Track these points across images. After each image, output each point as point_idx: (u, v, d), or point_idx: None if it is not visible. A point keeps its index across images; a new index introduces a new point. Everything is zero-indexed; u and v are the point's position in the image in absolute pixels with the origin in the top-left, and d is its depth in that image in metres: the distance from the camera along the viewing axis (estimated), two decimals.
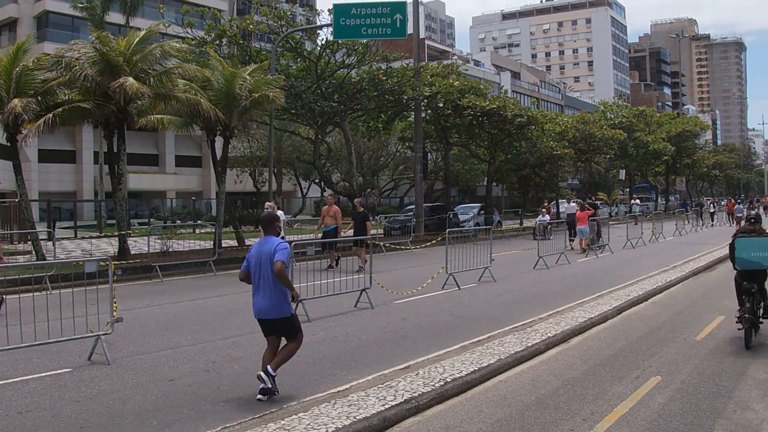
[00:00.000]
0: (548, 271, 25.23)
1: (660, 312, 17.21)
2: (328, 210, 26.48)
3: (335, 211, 26.34)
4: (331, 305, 16.68)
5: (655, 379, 10.91)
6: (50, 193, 56.30)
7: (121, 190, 26.92)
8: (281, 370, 9.83)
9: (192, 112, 27.38)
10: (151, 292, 20.36)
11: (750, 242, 13.34)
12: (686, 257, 29.26)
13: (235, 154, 50.11)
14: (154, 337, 13.73)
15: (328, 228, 26.18)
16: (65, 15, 62.68)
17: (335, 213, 26.27)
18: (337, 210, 26.52)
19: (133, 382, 10.51)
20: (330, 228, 26.12)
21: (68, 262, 21.26)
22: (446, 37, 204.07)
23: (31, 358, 11.79)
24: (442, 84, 43.62)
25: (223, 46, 35.68)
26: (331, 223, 26.18)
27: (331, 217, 26.24)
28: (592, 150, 64.46)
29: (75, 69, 24.32)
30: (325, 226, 26.41)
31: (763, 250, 13.07)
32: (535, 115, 51.84)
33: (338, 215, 26.41)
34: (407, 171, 68.18)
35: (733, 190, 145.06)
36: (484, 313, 16.45)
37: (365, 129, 48.55)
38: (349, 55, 37.52)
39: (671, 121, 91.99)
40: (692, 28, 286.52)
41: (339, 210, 26.85)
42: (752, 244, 13.27)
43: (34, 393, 9.99)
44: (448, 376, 10.48)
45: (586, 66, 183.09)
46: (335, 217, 26.20)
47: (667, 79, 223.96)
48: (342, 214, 27.36)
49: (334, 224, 26.13)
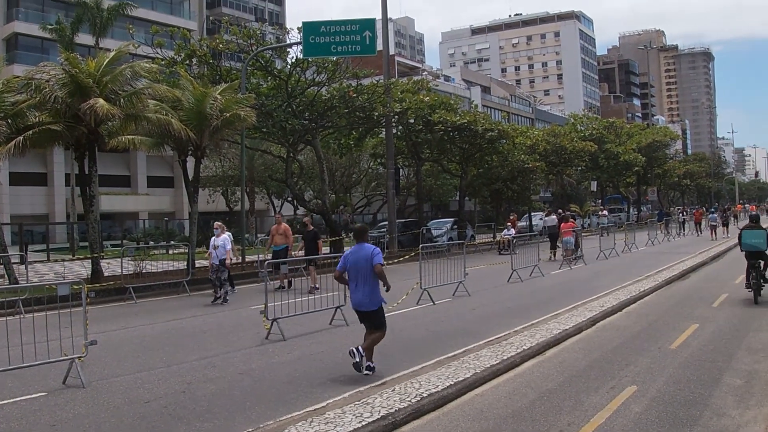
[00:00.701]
0: (522, 284, 25.32)
1: (634, 322, 17.31)
2: (278, 229, 25.98)
3: (285, 230, 25.87)
4: (306, 323, 16.65)
5: (630, 389, 10.97)
6: (22, 216, 55.86)
7: (93, 212, 26.77)
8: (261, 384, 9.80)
9: (163, 132, 27.32)
10: (125, 314, 20.25)
11: (751, 233, 20.31)
12: (659, 267, 29.44)
13: (207, 173, 49.98)
14: (128, 360, 13.65)
15: (278, 247, 25.64)
16: (35, 37, 62.40)
17: (285, 231, 25.79)
18: (287, 228, 26.08)
19: (108, 405, 10.45)
20: (280, 247, 25.58)
21: (41, 285, 21.10)
22: (416, 53, 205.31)
23: (5, 383, 11.69)
24: (412, 100, 43.69)
25: (193, 65, 35.58)
26: (281, 242, 25.65)
27: (281, 235, 25.72)
28: (563, 162, 64.71)
29: (45, 91, 24.14)
30: (275, 245, 25.88)
31: (758, 238, 20.07)
32: (506, 129, 52.06)
33: (288, 234, 25.87)
34: (380, 187, 68.16)
35: (704, 199, 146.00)
36: (459, 328, 16.49)
37: (337, 146, 48.49)
38: (320, 73, 37.50)
39: (641, 131, 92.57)
40: (660, 39, 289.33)
41: (289, 228, 26.39)
42: (752, 234, 20.27)
43: (9, 418, 9.91)
44: (424, 391, 10.49)
45: (556, 79, 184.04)
46: (285, 235, 25.70)
47: (637, 91, 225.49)
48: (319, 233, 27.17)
49: (284, 243, 25.59)
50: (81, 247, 45.43)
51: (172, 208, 71.23)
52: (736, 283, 24.42)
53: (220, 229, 22.80)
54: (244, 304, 21.46)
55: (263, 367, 12.76)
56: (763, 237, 19.99)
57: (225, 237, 22.41)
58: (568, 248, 33.71)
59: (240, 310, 20.61)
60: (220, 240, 22.24)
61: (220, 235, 22.42)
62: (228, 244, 22.28)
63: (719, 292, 22.08)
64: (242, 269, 31.20)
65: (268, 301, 15.23)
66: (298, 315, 16.19)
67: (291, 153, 39.22)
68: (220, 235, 22.42)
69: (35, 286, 20.91)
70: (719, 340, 14.77)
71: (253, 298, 21.74)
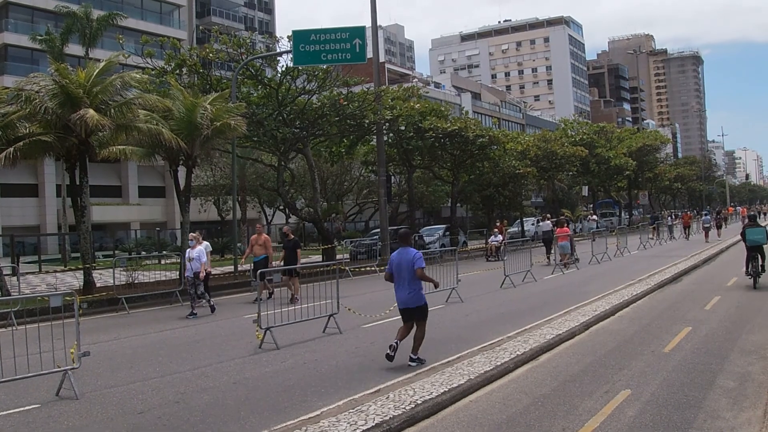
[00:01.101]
0: (515, 290, 25.32)
1: (627, 326, 17.32)
2: (257, 239, 25.51)
3: (265, 241, 25.45)
4: (300, 331, 16.64)
5: (624, 393, 10.97)
6: (13, 227, 55.80)
7: (85, 222, 26.73)
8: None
9: (154, 142, 27.29)
10: (118, 325, 20.20)
11: (753, 230, 24.31)
12: (651, 270, 29.46)
13: (198, 183, 49.94)
14: (122, 370, 13.61)
15: (258, 258, 25.16)
16: (24, 48, 62.39)
17: (265, 242, 25.38)
18: (266, 239, 25.65)
19: (102, 416, 10.42)
20: (260, 258, 25.08)
21: (33, 297, 21.01)
22: (406, 60, 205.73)
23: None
24: (403, 107, 43.69)
25: (183, 75, 35.55)
26: (261, 252, 25.21)
27: (260, 246, 25.31)
28: (554, 168, 64.85)
29: (35, 102, 24.10)
30: (254, 255, 25.45)
31: (759, 234, 24.06)
32: (497, 135, 52.19)
33: (268, 244, 25.45)
34: (371, 195, 68.20)
35: (695, 202, 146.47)
36: (452, 334, 16.49)
37: (328, 154, 48.51)
38: (310, 81, 37.51)
39: (632, 136, 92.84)
40: (649, 43, 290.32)
41: (269, 239, 25.96)
42: (754, 231, 24.25)
43: (2, 430, 9.87)
44: (418, 398, 10.47)
45: (546, 84, 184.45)
46: (265, 246, 25.29)
47: (627, 95, 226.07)
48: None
49: (264, 254, 25.14)
50: (73, 258, 45.36)
51: (164, 218, 71.15)
52: (729, 286, 24.54)
53: (196, 240, 22.02)
54: (237, 313, 21.44)
55: (257, 376, 12.74)
56: (763, 233, 24.19)
57: (200, 249, 21.66)
58: (564, 253, 33.82)
59: (233, 319, 20.58)
60: (195, 252, 21.54)
61: (195, 246, 21.70)
62: (203, 257, 21.57)
63: (712, 295, 22.12)
64: (235, 278, 31.18)
65: (261, 309, 15.21)
66: (291, 324, 16.17)
67: (282, 161, 39.21)
68: (195, 246, 21.70)
69: (27, 297, 20.83)
70: (712, 342, 14.79)
71: (246, 307, 21.74)
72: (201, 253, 21.50)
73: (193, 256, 21.46)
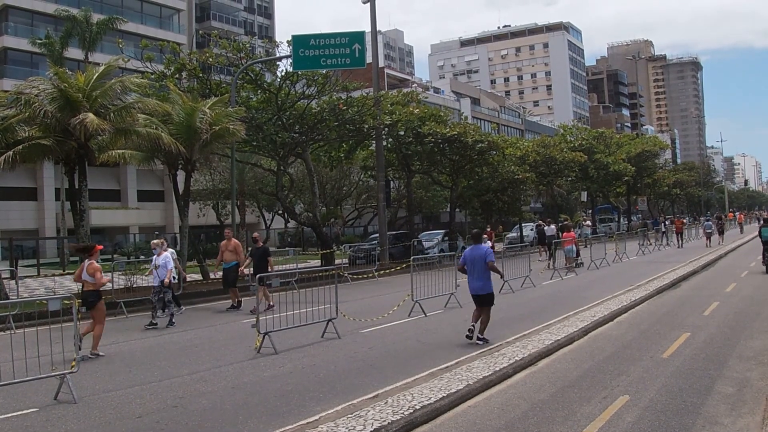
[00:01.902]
0: (514, 295, 25.32)
1: (626, 331, 17.33)
2: (227, 245, 24.19)
3: (235, 246, 24.16)
4: (298, 336, 16.63)
5: (623, 398, 10.97)
6: (12, 231, 55.74)
7: (84, 226, 26.69)
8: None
9: (153, 146, 27.31)
10: (117, 329, 20.16)
11: (765, 229, 31.73)
12: (650, 276, 29.48)
13: (197, 187, 49.88)
14: (120, 374, 13.60)
15: (228, 264, 23.97)
16: (24, 51, 62.43)
17: (236, 248, 24.09)
18: (236, 244, 24.33)
19: (100, 421, 10.41)
20: (230, 264, 23.92)
21: (32, 300, 21.05)
22: (405, 65, 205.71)
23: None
24: (402, 112, 43.73)
25: (182, 79, 35.59)
26: (231, 258, 23.94)
27: (230, 252, 24.01)
28: (553, 173, 64.79)
29: (34, 106, 24.05)
30: (225, 262, 24.13)
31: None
32: (496, 141, 52.18)
33: (239, 249, 24.18)
34: (370, 200, 68.16)
35: (694, 208, 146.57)
36: (451, 339, 16.47)
37: (327, 159, 48.55)
38: (309, 86, 37.54)
39: (631, 141, 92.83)
40: (648, 49, 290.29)
41: (239, 244, 24.63)
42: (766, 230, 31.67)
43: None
44: (416, 403, 10.46)
45: (545, 90, 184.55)
46: (236, 252, 24.02)
47: (626, 101, 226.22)
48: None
49: (234, 260, 23.90)
50: (71, 261, 45.31)
51: (163, 222, 71.12)
52: (727, 292, 24.54)
53: (160, 247, 20.85)
54: (235, 318, 21.44)
55: (255, 381, 12.73)
56: None
57: (166, 255, 20.62)
58: (569, 256, 34.66)
59: (231, 323, 20.58)
60: (161, 259, 20.43)
61: (161, 253, 20.56)
62: (170, 263, 20.51)
63: (710, 301, 22.13)
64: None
65: (260, 314, 15.19)
66: (290, 328, 16.15)
67: (281, 166, 39.22)
68: (161, 253, 20.56)
69: (26, 301, 20.88)
70: (711, 348, 14.80)
71: (244, 311, 21.70)
72: (167, 259, 20.54)
73: (159, 264, 20.43)
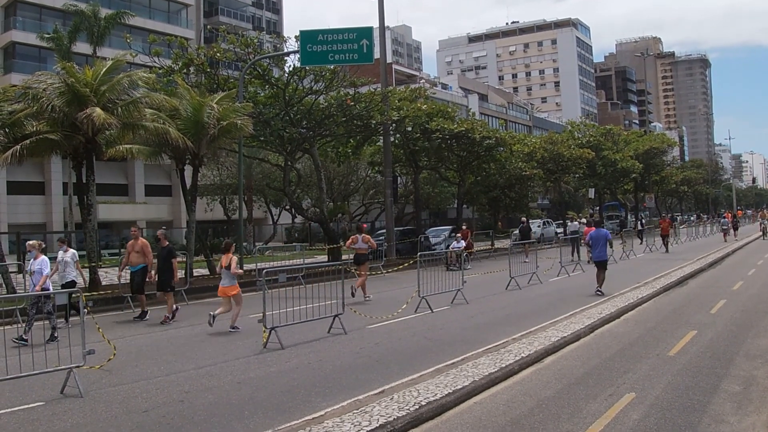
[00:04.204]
0: (520, 292, 25.30)
1: (632, 329, 17.29)
2: (134, 245, 21.51)
3: (142, 246, 21.43)
4: (305, 332, 16.64)
5: (629, 396, 10.95)
6: (19, 225, 55.75)
7: (91, 220, 26.76)
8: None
9: (161, 141, 27.36)
10: (123, 323, 20.21)
11: None
12: (657, 274, 29.42)
13: (204, 182, 49.94)
14: (127, 369, 13.61)
15: (135, 268, 21.42)
16: (32, 46, 62.44)
17: (143, 248, 21.39)
18: (144, 244, 21.57)
19: (106, 415, 10.42)
20: (137, 268, 21.37)
21: (39, 294, 21.04)
22: (413, 61, 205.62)
23: (3, 392, 11.67)
24: (410, 108, 43.69)
25: (190, 74, 35.56)
26: (138, 261, 21.33)
27: (137, 253, 21.37)
28: (560, 170, 64.79)
29: (42, 100, 24.11)
30: (131, 265, 21.53)
31: None
32: (504, 137, 52.12)
33: (147, 250, 21.44)
34: (378, 195, 68.13)
35: (701, 206, 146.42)
36: (457, 336, 16.46)
37: (334, 154, 48.52)
38: (317, 81, 37.53)
39: (639, 138, 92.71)
40: (657, 46, 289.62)
41: (147, 244, 21.81)
42: None
43: (6, 428, 9.88)
44: (422, 399, 10.46)
45: (553, 86, 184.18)
46: (143, 253, 21.35)
47: (634, 98, 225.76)
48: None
49: (142, 263, 21.30)
50: (79, 256, 45.32)
51: (170, 217, 71.18)
52: (735, 290, 24.49)
53: (36, 249, 18.34)
54: (242, 313, 21.43)
55: (261, 376, 12.74)
56: None
57: (43, 260, 17.90)
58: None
59: (238, 318, 20.58)
60: (36, 263, 17.85)
61: (37, 256, 18.01)
62: (45, 269, 17.74)
63: (717, 299, 22.08)
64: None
65: (267, 309, 15.20)
66: (296, 324, 16.15)
67: (289, 161, 39.22)
68: (37, 256, 18.01)
69: (33, 295, 20.86)
70: (717, 346, 14.76)
71: (251, 306, 21.71)
72: (43, 264, 17.80)
73: (34, 269, 17.91)
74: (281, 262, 33.20)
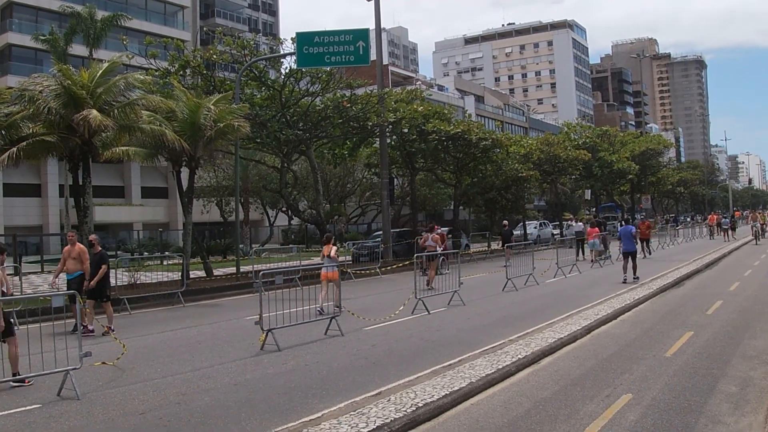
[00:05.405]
0: (517, 293, 25.30)
1: (629, 330, 17.31)
2: (70, 251, 19.15)
3: (80, 252, 19.12)
4: (301, 333, 16.62)
5: (626, 397, 10.96)
6: (16, 227, 55.83)
7: (87, 222, 26.70)
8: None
9: (157, 143, 27.31)
10: (119, 325, 20.14)
11: None
12: (653, 275, 29.44)
13: (201, 184, 49.95)
14: (123, 371, 13.59)
15: (71, 275, 19.17)
16: (28, 48, 62.52)
17: (80, 254, 19.10)
18: (81, 250, 19.20)
19: (103, 417, 10.41)
20: (73, 275, 19.11)
21: (35, 297, 21.03)
22: (410, 62, 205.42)
23: (0, 395, 11.66)
24: (406, 109, 43.71)
25: (187, 76, 35.58)
26: (75, 268, 19.09)
27: (74, 260, 19.10)
28: (557, 171, 64.73)
29: (38, 102, 24.03)
30: (67, 272, 19.27)
31: None
32: (500, 138, 52.02)
33: (84, 257, 19.08)
34: (374, 197, 68.20)
35: (698, 207, 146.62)
36: (454, 337, 16.46)
37: (331, 156, 48.49)
38: (313, 83, 37.54)
39: (635, 140, 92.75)
40: (653, 47, 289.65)
41: (84, 250, 19.40)
42: None
43: (3, 431, 9.87)
44: (419, 400, 10.46)
45: (549, 88, 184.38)
46: (80, 260, 19.06)
47: (630, 99, 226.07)
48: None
49: (79, 270, 19.03)
50: None
51: (167, 219, 71.25)
52: (731, 290, 24.52)
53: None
54: (238, 315, 21.44)
55: (258, 378, 12.73)
56: None
57: None
58: (596, 249, 37.58)
59: (234, 320, 20.58)
60: None
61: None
62: None
63: (714, 300, 22.10)
64: (237, 279, 31.18)
65: (263, 311, 15.20)
66: (293, 326, 16.14)
67: (285, 163, 39.24)
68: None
69: (29, 297, 20.86)
70: (714, 347, 14.78)
71: (248, 308, 21.71)
72: None
73: None
74: (278, 264, 33.17)
